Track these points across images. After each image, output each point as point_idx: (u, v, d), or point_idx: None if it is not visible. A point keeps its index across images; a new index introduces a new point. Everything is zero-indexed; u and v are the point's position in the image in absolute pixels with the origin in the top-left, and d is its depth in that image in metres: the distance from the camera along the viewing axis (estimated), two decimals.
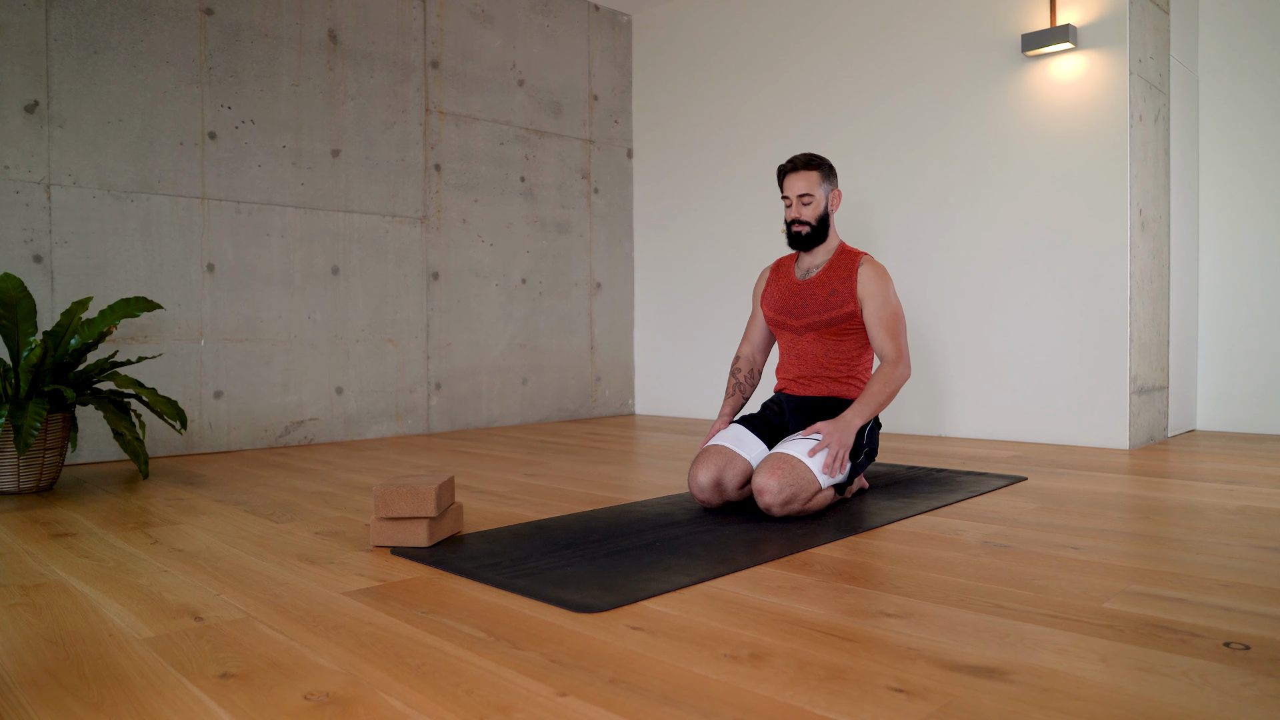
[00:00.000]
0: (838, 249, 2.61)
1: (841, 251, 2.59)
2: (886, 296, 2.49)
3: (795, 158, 2.57)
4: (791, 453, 2.29)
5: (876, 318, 2.48)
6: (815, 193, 2.53)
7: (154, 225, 3.67)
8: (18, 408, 2.66)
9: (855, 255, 2.56)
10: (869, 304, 2.49)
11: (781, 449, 2.32)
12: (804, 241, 2.58)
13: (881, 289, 2.49)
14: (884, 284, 2.49)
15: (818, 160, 2.55)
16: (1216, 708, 1.12)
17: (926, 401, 4.25)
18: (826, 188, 2.55)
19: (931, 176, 4.21)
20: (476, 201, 4.75)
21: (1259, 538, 2.04)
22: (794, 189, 2.54)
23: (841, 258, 2.58)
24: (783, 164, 2.57)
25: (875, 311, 2.48)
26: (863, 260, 2.53)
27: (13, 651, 1.38)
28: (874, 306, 2.48)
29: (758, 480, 2.26)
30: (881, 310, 2.48)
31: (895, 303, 2.50)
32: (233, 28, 3.87)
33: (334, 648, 1.38)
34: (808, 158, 2.55)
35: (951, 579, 1.73)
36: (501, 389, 4.89)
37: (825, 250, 2.60)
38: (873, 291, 2.48)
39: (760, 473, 2.26)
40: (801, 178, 2.54)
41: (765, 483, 2.23)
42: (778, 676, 1.24)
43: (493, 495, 2.74)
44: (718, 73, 5.11)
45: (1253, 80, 4.14)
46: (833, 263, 2.57)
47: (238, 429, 3.91)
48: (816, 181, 2.54)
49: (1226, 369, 4.23)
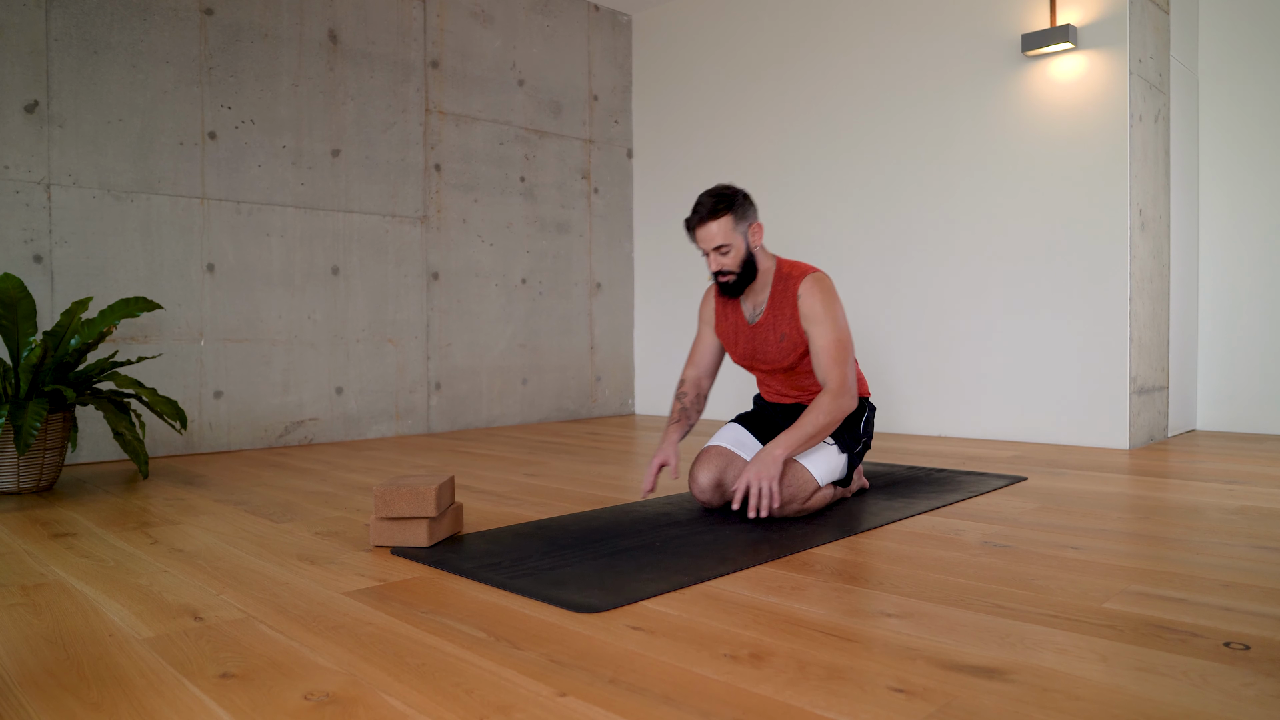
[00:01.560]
0: (775, 276, 2.39)
1: (779, 278, 2.38)
2: (829, 320, 2.30)
3: (699, 205, 2.29)
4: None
5: (819, 345, 2.30)
6: (730, 240, 2.28)
7: (154, 225, 3.67)
8: (18, 408, 2.66)
9: (794, 280, 2.35)
10: (812, 330, 2.31)
11: None
12: (735, 289, 2.36)
13: (824, 312, 2.30)
14: (827, 307, 2.30)
15: (724, 203, 2.27)
16: (1216, 708, 1.12)
17: (926, 401, 4.25)
18: (742, 227, 2.30)
19: (931, 176, 4.21)
20: (476, 201, 4.75)
21: (1259, 538, 2.04)
22: (707, 242, 2.29)
23: (781, 287, 2.37)
24: (688, 216, 2.32)
25: (818, 339, 2.30)
26: (801, 286, 2.33)
27: (13, 651, 1.38)
28: (817, 333, 2.30)
29: None
30: (824, 337, 2.29)
31: (839, 325, 2.31)
32: (233, 28, 3.87)
33: (334, 648, 1.38)
34: (712, 204, 2.28)
35: (951, 579, 1.73)
36: (501, 389, 4.89)
37: (763, 283, 2.39)
38: (815, 318, 2.30)
39: None
40: (711, 229, 2.28)
41: None
42: (778, 676, 1.24)
43: (493, 495, 2.74)
44: (717, 73, 5.11)
45: (1253, 80, 4.14)
46: (774, 297, 2.37)
47: (238, 429, 3.91)
48: (729, 227, 2.27)
49: (1226, 369, 4.23)
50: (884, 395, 4.39)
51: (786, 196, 4.78)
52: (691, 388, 2.55)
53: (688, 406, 2.52)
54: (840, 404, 2.25)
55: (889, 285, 4.37)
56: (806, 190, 4.70)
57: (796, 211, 4.74)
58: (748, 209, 2.32)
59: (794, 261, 2.41)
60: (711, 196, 2.29)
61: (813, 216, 4.67)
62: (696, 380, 2.55)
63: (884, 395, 4.39)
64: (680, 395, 2.54)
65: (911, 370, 4.29)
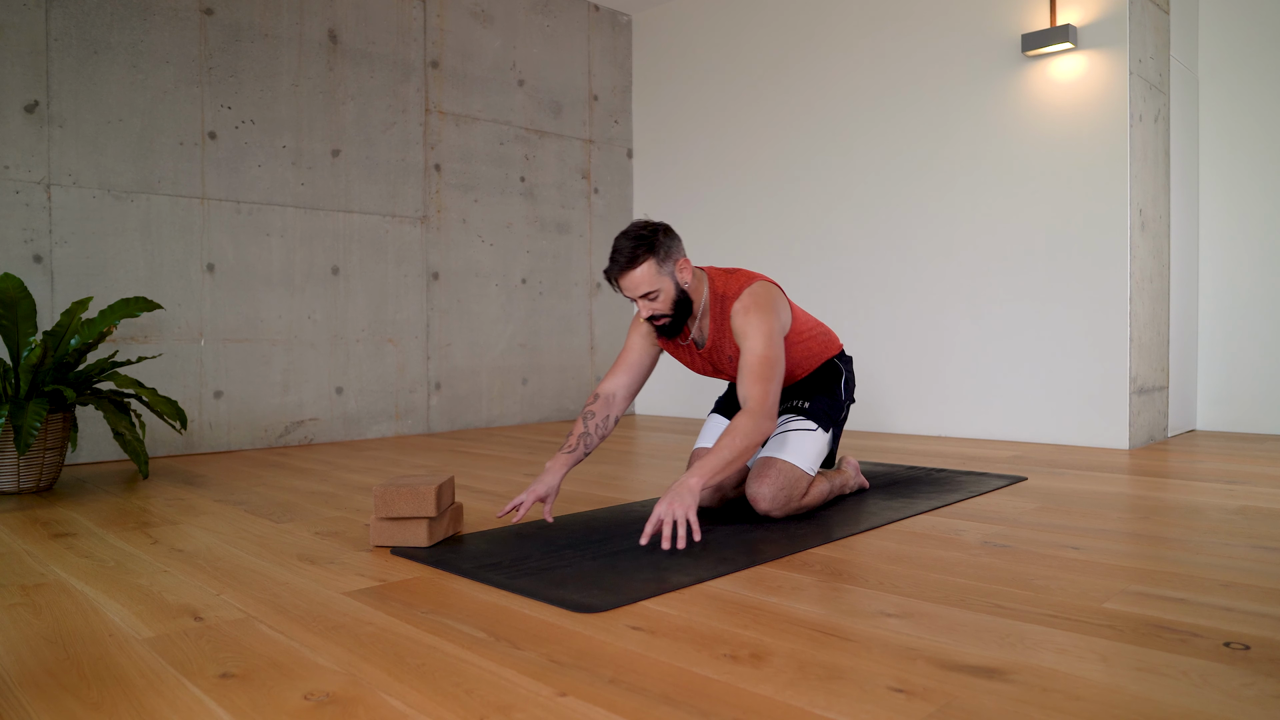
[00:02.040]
0: (711, 299, 2.25)
1: (715, 300, 2.24)
2: (756, 337, 2.15)
3: (617, 253, 2.11)
4: (775, 455, 2.29)
5: (744, 361, 2.14)
6: (656, 285, 2.12)
7: (154, 225, 3.67)
8: (18, 408, 2.66)
9: (729, 301, 2.22)
10: (742, 346, 2.17)
11: (766, 452, 2.32)
12: (672, 330, 2.21)
13: (753, 329, 2.15)
14: (757, 323, 2.15)
15: (644, 246, 2.10)
16: (1216, 708, 1.12)
17: (926, 401, 4.25)
18: (668, 267, 2.13)
19: (932, 176, 4.20)
20: (476, 201, 4.75)
21: (1259, 538, 2.04)
22: (632, 291, 2.13)
23: (719, 309, 2.24)
24: (607, 266, 2.14)
25: (745, 354, 2.15)
26: (734, 307, 2.20)
27: (13, 651, 1.38)
28: (744, 349, 2.16)
29: (751, 489, 2.27)
30: (749, 353, 2.14)
31: (766, 343, 2.14)
32: (233, 28, 3.87)
33: (334, 648, 1.38)
34: (631, 249, 2.09)
35: (951, 579, 1.73)
36: (501, 389, 4.89)
37: (702, 309, 2.26)
38: (743, 334, 2.17)
39: (752, 482, 2.28)
40: (634, 277, 2.11)
41: (758, 491, 2.25)
42: (778, 676, 1.24)
43: (493, 495, 2.74)
44: (718, 73, 5.11)
45: (1253, 80, 4.14)
46: (714, 320, 2.25)
47: (238, 429, 3.91)
48: (653, 272, 2.11)
49: (1226, 369, 4.23)
50: (884, 395, 4.39)
51: (786, 196, 4.78)
52: (602, 408, 2.30)
53: (590, 431, 2.28)
54: (760, 427, 2.05)
55: (889, 285, 4.37)
56: (806, 190, 4.70)
57: (796, 211, 4.74)
58: (671, 246, 2.14)
59: (729, 274, 2.27)
60: (630, 240, 2.10)
61: (813, 216, 4.67)
62: (610, 399, 2.31)
63: (884, 395, 4.39)
64: (586, 415, 2.29)
65: (912, 370, 4.29)
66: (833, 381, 2.47)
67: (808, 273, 4.68)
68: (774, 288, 2.27)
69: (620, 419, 2.33)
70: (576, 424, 2.28)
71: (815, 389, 2.46)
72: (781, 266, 4.77)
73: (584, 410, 2.30)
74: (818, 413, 2.38)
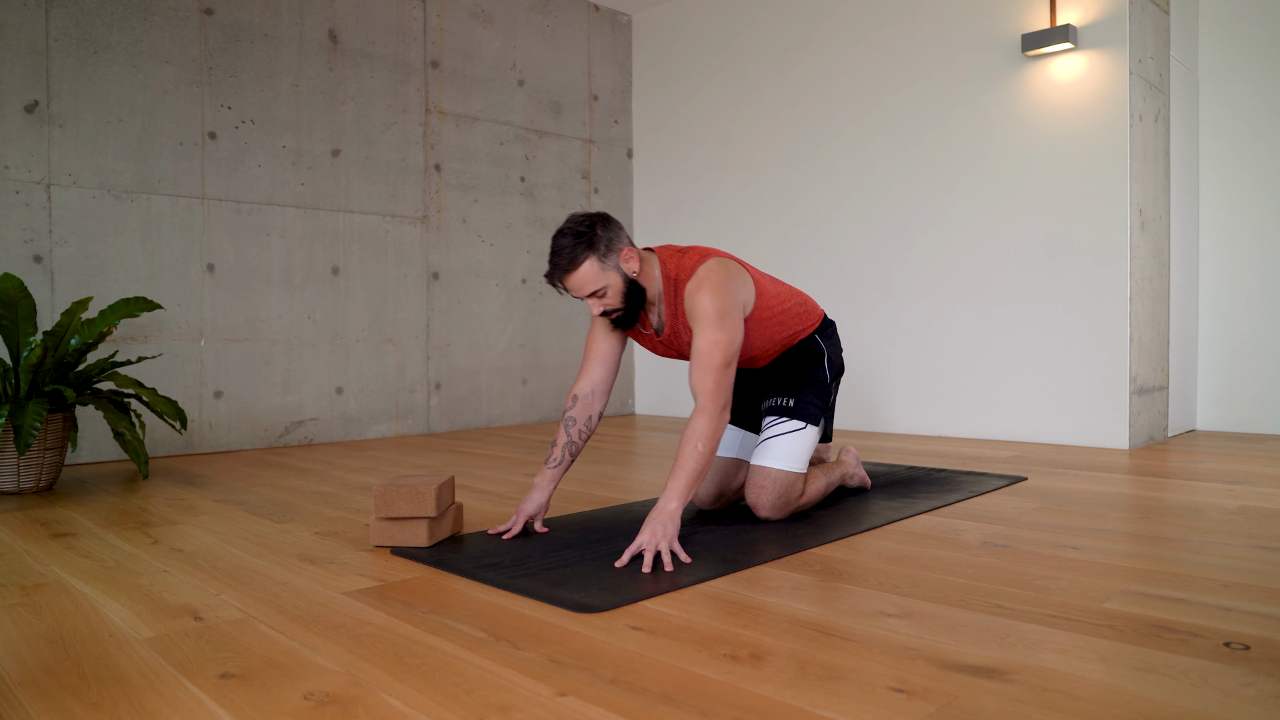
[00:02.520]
0: (664, 282, 2.10)
1: (669, 283, 2.09)
2: (706, 320, 2.00)
3: (557, 253, 1.98)
4: (767, 464, 2.26)
5: (695, 347, 2.01)
6: (603, 281, 2.00)
7: (154, 225, 3.67)
8: (18, 408, 2.66)
9: (681, 284, 2.07)
10: (694, 330, 2.03)
11: (757, 460, 2.28)
12: (628, 321, 2.10)
13: (704, 313, 2.01)
14: (708, 305, 2.00)
15: (583, 244, 1.97)
16: (1216, 708, 1.12)
17: (927, 401, 4.25)
18: (612, 261, 2.00)
19: (931, 176, 4.20)
20: (476, 201, 4.75)
21: (1259, 538, 2.04)
22: (578, 291, 2.01)
23: (673, 293, 2.09)
24: (547, 270, 2.02)
25: (695, 340, 2.01)
26: (687, 288, 2.06)
27: (13, 651, 1.38)
28: (695, 334, 2.02)
29: (749, 498, 2.28)
30: (699, 338, 2.00)
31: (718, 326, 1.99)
32: (233, 28, 3.87)
33: (334, 648, 1.38)
34: (570, 254, 1.96)
35: (951, 579, 1.73)
36: (501, 389, 4.88)
37: (657, 293, 2.12)
38: (695, 317, 2.03)
39: (749, 492, 2.27)
40: (577, 279, 1.99)
41: (757, 500, 2.26)
42: (778, 676, 1.24)
43: (493, 495, 2.74)
44: (718, 73, 5.11)
45: (1253, 80, 4.14)
46: (669, 304, 2.11)
47: (238, 429, 3.91)
48: (596, 270, 1.98)
49: (1226, 369, 4.23)
50: (884, 395, 4.39)
51: (787, 196, 4.78)
52: (582, 410, 2.19)
53: (573, 439, 2.18)
54: (715, 424, 1.94)
55: (889, 285, 4.37)
56: (806, 190, 4.70)
57: (797, 211, 4.74)
58: (611, 238, 2.00)
59: (682, 254, 2.11)
60: (570, 237, 1.98)
61: (813, 216, 4.67)
62: (588, 399, 2.19)
63: (884, 395, 4.39)
64: (567, 422, 2.19)
65: (912, 370, 4.29)
66: (814, 363, 2.37)
67: (808, 273, 4.68)
68: (730, 263, 2.12)
69: (603, 414, 2.27)
70: (558, 433, 2.20)
71: (797, 378, 2.36)
72: (782, 266, 4.77)
73: (564, 417, 2.20)
74: (804, 409, 2.31)
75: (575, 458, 2.23)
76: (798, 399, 2.33)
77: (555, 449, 2.18)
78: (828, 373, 2.40)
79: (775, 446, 2.28)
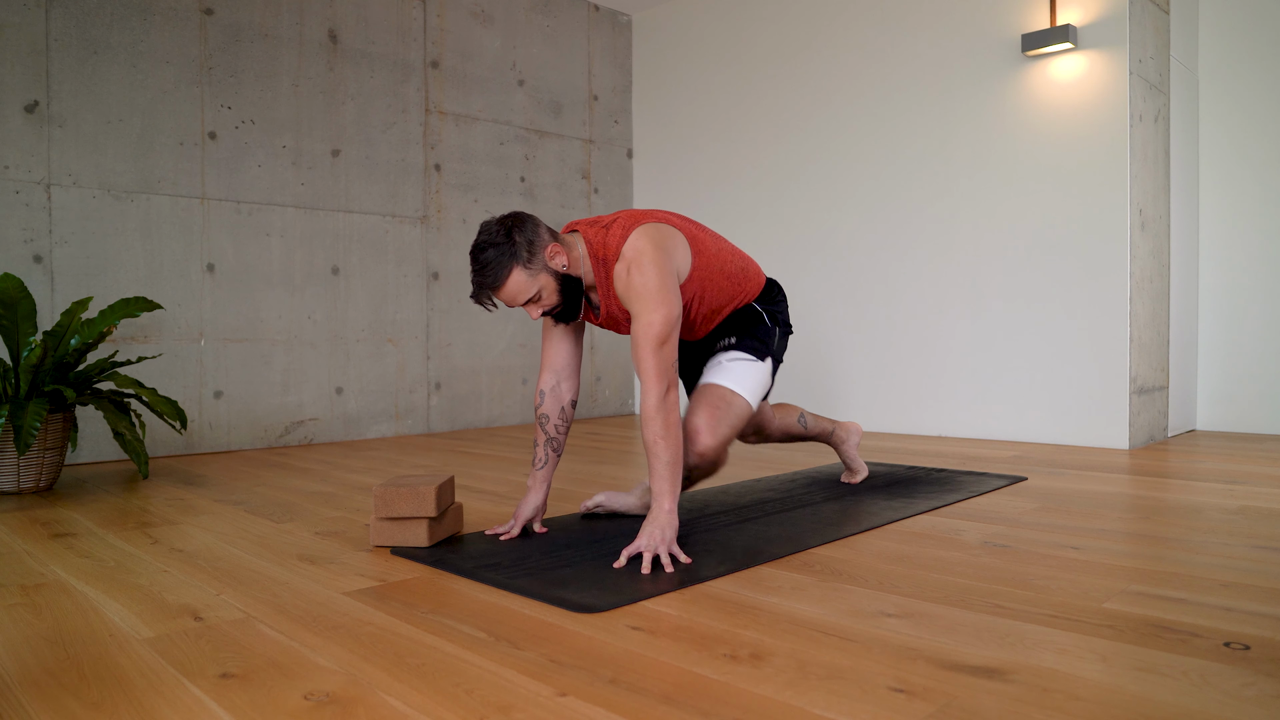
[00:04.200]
0: (592, 261, 1.99)
1: (597, 262, 1.99)
2: (641, 299, 1.90)
3: (481, 269, 1.87)
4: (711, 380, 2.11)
5: (633, 330, 1.92)
6: (534, 287, 1.90)
7: (154, 225, 3.67)
8: (18, 408, 2.66)
9: (609, 264, 1.97)
10: (630, 311, 1.94)
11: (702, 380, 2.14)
12: (571, 314, 2.01)
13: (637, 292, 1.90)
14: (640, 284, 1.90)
15: (505, 259, 1.85)
16: (1216, 708, 1.12)
17: (926, 401, 4.24)
18: (537, 265, 1.89)
19: (931, 176, 4.20)
20: (476, 201, 4.75)
21: (1259, 538, 2.04)
22: (512, 303, 1.92)
23: (603, 273, 1.99)
24: (471, 290, 1.92)
25: (634, 324, 1.92)
26: (615, 270, 1.96)
27: (13, 651, 1.38)
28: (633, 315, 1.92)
29: (688, 422, 2.05)
30: (637, 322, 1.90)
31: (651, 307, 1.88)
32: (233, 28, 3.87)
33: (334, 648, 1.38)
34: (495, 270, 1.86)
35: (951, 579, 1.73)
36: (501, 389, 4.89)
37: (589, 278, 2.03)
38: (628, 299, 1.93)
39: (689, 415, 2.06)
40: (508, 293, 1.89)
41: (695, 423, 2.05)
42: (778, 676, 1.24)
43: (493, 495, 2.74)
44: (718, 73, 5.11)
45: (1253, 80, 4.14)
46: (602, 285, 2.02)
47: (238, 429, 3.91)
48: (524, 280, 1.88)
49: (1226, 369, 4.23)
50: (884, 395, 4.39)
51: (787, 196, 4.78)
52: (553, 406, 2.14)
53: (553, 435, 2.14)
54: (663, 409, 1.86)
55: (889, 285, 4.37)
56: (807, 190, 4.70)
57: (797, 212, 4.74)
58: (533, 239, 1.89)
59: (606, 230, 2.00)
60: (491, 251, 1.86)
61: (813, 216, 4.67)
62: (557, 393, 2.15)
63: (884, 395, 4.39)
64: (541, 420, 2.12)
65: (911, 369, 4.29)
66: (754, 318, 2.23)
67: (808, 273, 4.68)
68: (661, 227, 2.00)
69: (576, 400, 2.19)
70: (536, 432, 2.15)
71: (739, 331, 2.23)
72: (782, 266, 4.78)
73: (537, 415, 2.14)
74: (750, 346, 2.18)
75: (560, 452, 2.18)
76: (740, 339, 2.20)
77: (538, 449, 2.15)
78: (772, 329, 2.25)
79: (721, 368, 2.13)
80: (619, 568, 1.82)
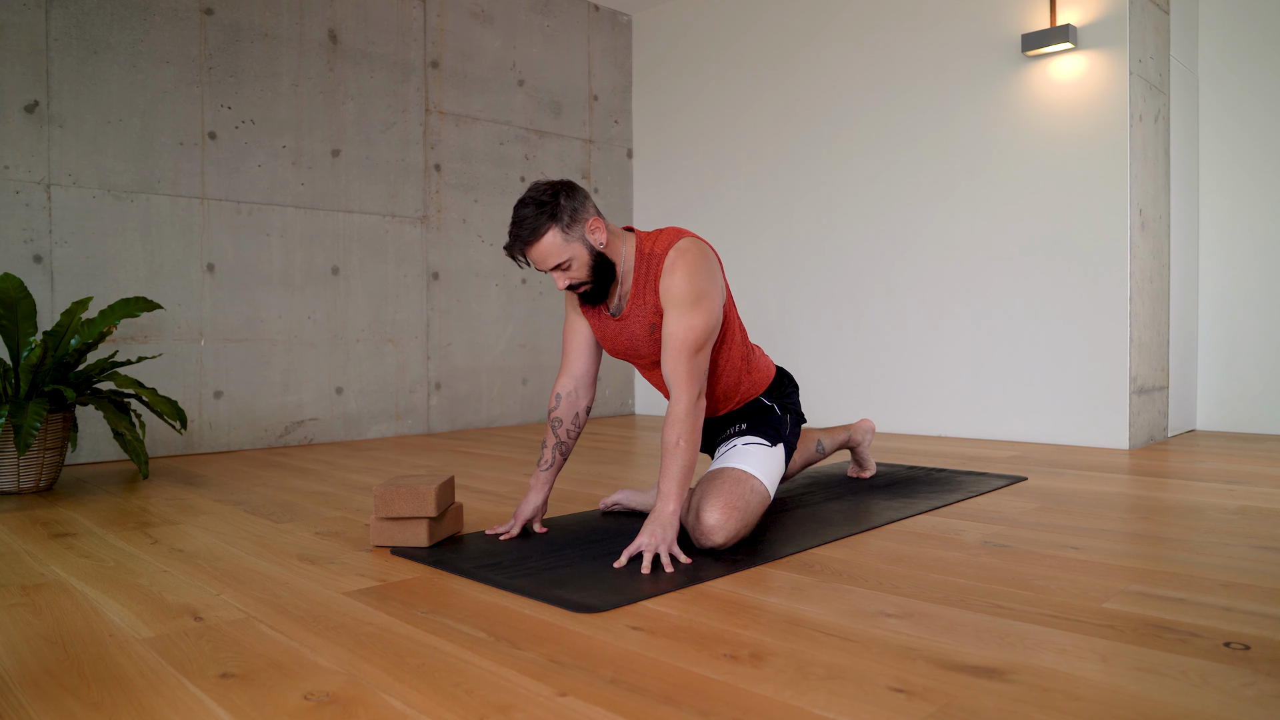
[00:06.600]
0: (636, 258, 1.97)
1: (641, 259, 1.96)
2: (686, 303, 1.88)
3: (518, 223, 1.86)
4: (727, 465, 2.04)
5: (667, 332, 1.89)
6: (567, 253, 1.88)
7: (154, 225, 3.67)
8: (18, 408, 2.66)
9: (657, 260, 1.94)
10: (666, 315, 1.90)
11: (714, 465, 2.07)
12: (596, 296, 1.97)
13: (681, 293, 1.88)
14: (687, 284, 1.88)
15: (546, 214, 1.85)
16: (1216, 708, 1.12)
17: (926, 401, 4.25)
18: (577, 232, 1.88)
19: (931, 176, 4.20)
20: (476, 201, 4.75)
21: (1259, 538, 2.04)
22: (542, 265, 1.89)
23: (644, 269, 1.96)
24: (507, 241, 1.91)
25: (668, 324, 1.89)
26: (667, 260, 1.92)
27: (13, 651, 1.38)
28: (669, 319, 1.89)
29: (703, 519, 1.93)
30: (674, 323, 1.88)
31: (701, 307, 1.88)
32: (233, 28, 3.87)
33: (334, 648, 1.38)
34: (532, 224, 1.85)
35: (951, 579, 1.73)
36: (501, 389, 4.89)
37: (625, 270, 1.99)
38: (670, 299, 1.90)
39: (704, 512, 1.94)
40: (540, 251, 1.87)
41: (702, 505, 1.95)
42: (778, 676, 1.24)
43: (493, 495, 2.74)
44: (718, 73, 5.11)
45: (1253, 80, 4.14)
46: (638, 282, 1.97)
47: (238, 429, 3.91)
48: (560, 241, 1.86)
49: (1226, 369, 4.23)
50: (884, 395, 4.39)
51: (787, 196, 4.78)
52: (568, 410, 2.12)
53: (564, 440, 2.12)
54: (690, 414, 1.85)
55: (889, 285, 4.37)
56: (807, 190, 4.70)
57: (797, 212, 4.74)
58: (576, 207, 1.88)
59: (659, 232, 1.99)
60: (532, 207, 1.86)
61: (813, 217, 4.67)
62: (573, 399, 2.12)
63: (884, 395, 4.39)
64: (554, 423, 2.11)
65: (912, 370, 4.29)
66: (762, 413, 2.19)
67: (808, 273, 4.68)
68: (709, 249, 1.98)
69: (590, 408, 2.17)
70: (547, 434, 2.14)
71: (744, 419, 2.19)
72: (782, 266, 4.78)
73: (550, 418, 2.13)
74: (764, 431, 2.13)
75: (567, 456, 2.16)
76: (751, 426, 2.16)
77: (546, 450, 2.13)
78: (783, 417, 2.21)
79: (735, 453, 2.07)
80: (619, 567, 1.82)
